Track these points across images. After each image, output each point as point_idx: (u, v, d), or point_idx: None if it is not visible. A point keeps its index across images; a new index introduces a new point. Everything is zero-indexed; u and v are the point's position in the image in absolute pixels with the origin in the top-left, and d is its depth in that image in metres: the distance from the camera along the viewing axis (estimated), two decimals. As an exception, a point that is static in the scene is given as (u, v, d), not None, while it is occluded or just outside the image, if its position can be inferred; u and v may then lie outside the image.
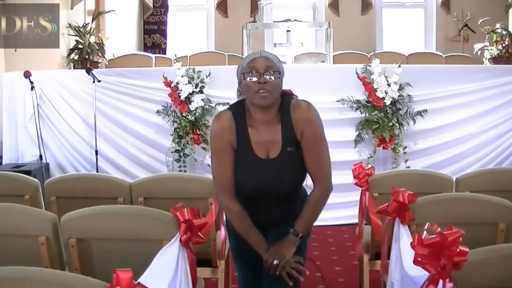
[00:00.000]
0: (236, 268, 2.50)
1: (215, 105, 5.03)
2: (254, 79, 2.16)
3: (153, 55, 7.63)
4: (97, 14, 7.14)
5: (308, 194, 2.32)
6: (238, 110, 2.27)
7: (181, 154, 5.05)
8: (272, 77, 2.16)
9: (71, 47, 6.38)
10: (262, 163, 2.23)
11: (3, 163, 5.26)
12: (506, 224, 2.37)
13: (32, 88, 4.88)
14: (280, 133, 2.23)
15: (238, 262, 2.45)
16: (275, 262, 2.15)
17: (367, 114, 4.95)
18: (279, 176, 2.22)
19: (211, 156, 2.31)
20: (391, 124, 4.90)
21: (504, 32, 6.01)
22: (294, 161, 2.24)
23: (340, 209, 4.75)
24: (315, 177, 2.26)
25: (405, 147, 4.99)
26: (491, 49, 5.97)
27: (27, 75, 4.86)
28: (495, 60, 5.90)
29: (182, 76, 5.03)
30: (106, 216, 2.24)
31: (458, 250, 1.66)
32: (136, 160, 5.22)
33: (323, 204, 2.29)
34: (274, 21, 7.56)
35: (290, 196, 2.29)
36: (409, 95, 4.98)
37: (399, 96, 4.94)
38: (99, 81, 5.00)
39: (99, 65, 6.39)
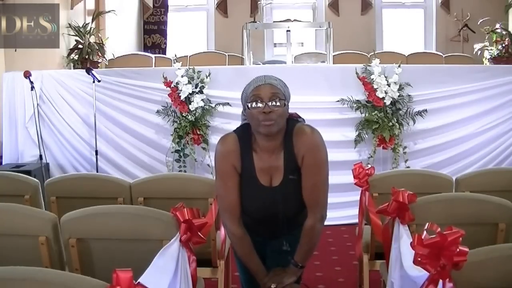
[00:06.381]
0: (239, 270, 2.48)
1: (215, 105, 5.04)
2: (259, 108, 2.09)
3: (153, 55, 7.63)
4: (97, 14, 7.14)
5: None
6: (244, 133, 2.22)
7: (181, 154, 5.06)
8: (278, 106, 2.09)
9: (71, 47, 6.38)
10: (265, 191, 2.20)
11: (3, 163, 5.27)
12: (506, 224, 2.36)
13: (32, 88, 4.88)
14: (283, 160, 2.18)
15: (242, 264, 2.41)
16: (272, 286, 2.16)
17: (367, 114, 4.95)
18: (282, 204, 2.20)
19: (216, 177, 2.27)
20: (391, 124, 4.90)
21: (504, 32, 6.01)
22: (297, 189, 2.19)
23: (340, 209, 4.75)
24: (309, 205, 2.21)
25: (405, 147, 4.99)
26: (491, 49, 5.97)
27: (27, 75, 4.86)
28: (495, 60, 5.90)
29: (182, 76, 5.02)
30: (106, 216, 2.24)
31: (458, 250, 1.66)
32: (136, 160, 5.22)
33: (319, 232, 2.25)
34: (274, 21, 7.56)
35: (296, 216, 2.26)
36: (409, 95, 4.98)
37: (399, 96, 4.94)
38: (99, 81, 5.00)
39: (99, 65, 6.39)
